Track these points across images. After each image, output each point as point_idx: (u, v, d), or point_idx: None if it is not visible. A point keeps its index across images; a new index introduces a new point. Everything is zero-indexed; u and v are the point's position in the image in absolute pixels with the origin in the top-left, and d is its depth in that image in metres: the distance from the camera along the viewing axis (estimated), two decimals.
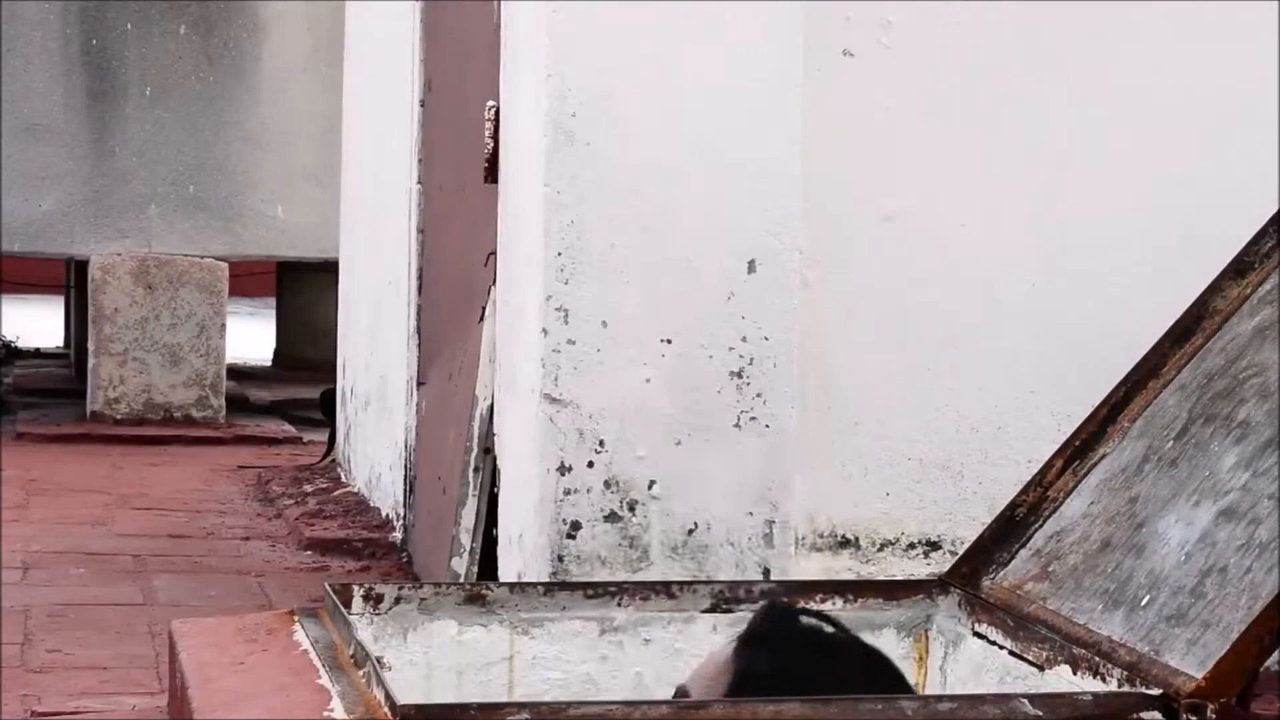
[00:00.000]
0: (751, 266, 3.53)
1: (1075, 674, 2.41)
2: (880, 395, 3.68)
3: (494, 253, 4.06)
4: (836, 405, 3.67)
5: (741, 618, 2.87)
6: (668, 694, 2.68)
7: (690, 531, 3.49)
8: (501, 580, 3.77)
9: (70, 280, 11.13)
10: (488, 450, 4.24)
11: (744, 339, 3.52)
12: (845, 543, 3.67)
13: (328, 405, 7.38)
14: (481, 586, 2.79)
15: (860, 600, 2.87)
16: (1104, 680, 2.32)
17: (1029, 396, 3.72)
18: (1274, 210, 3.13)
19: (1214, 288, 2.90)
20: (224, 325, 8.52)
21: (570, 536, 3.50)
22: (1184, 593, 2.32)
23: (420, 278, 5.32)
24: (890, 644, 2.84)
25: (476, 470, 4.30)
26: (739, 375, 3.51)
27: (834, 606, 2.86)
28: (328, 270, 9.86)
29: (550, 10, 3.48)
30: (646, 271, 3.51)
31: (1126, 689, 2.25)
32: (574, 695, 2.79)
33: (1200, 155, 3.78)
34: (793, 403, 3.56)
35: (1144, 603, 2.38)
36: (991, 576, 2.76)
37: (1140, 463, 2.67)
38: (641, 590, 3.04)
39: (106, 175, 8.56)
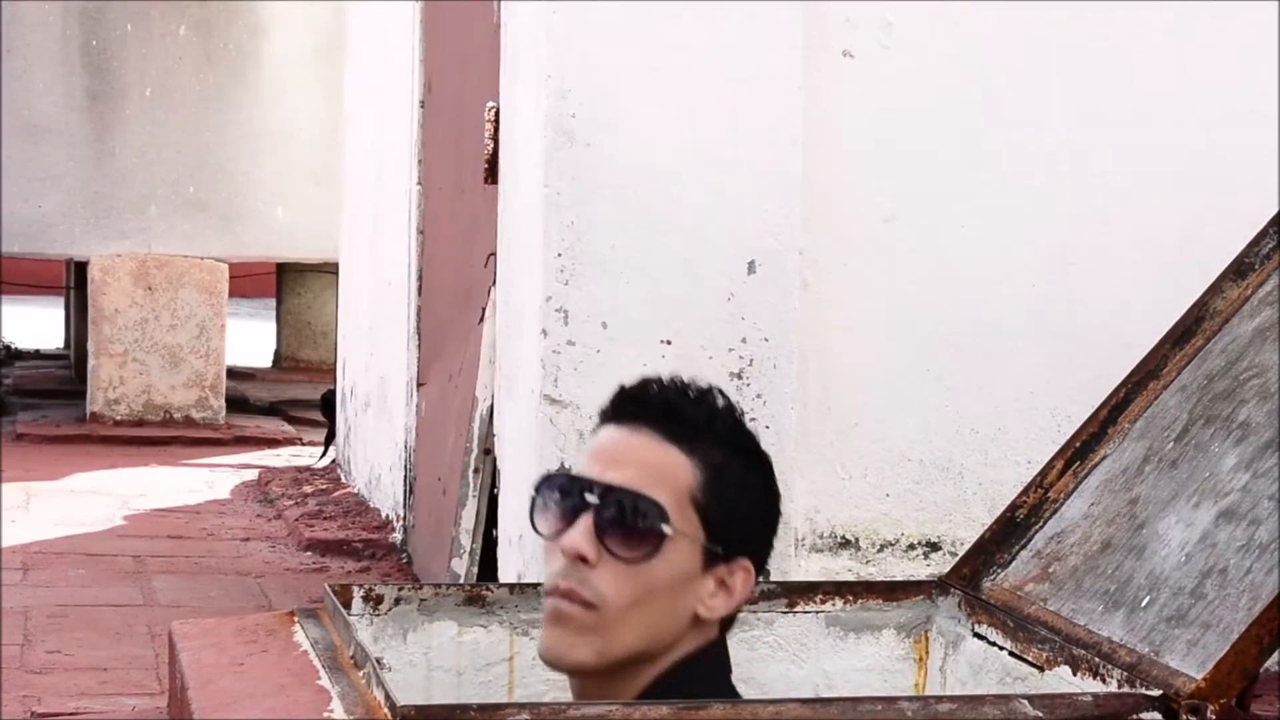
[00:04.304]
0: (751, 267, 3.53)
1: (1075, 675, 2.40)
2: (880, 395, 3.68)
3: (494, 253, 4.06)
4: (836, 405, 3.67)
5: (740, 618, 2.86)
6: None
7: None
8: (501, 581, 3.77)
9: (70, 281, 11.14)
10: (488, 451, 4.24)
11: (744, 340, 3.52)
12: (845, 543, 3.67)
13: (328, 406, 7.38)
14: (481, 587, 2.79)
15: (860, 601, 2.86)
16: (1104, 681, 2.32)
17: (1029, 397, 3.72)
18: (1274, 210, 3.13)
19: (1214, 288, 2.89)
20: (224, 326, 8.53)
21: None
22: (1184, 594, 2.32)
23: (420, 278, 5.32)
24: (890, 645, 2.84)
25: (476, 471, 4.30)
26: (739, 376, 3.51)
27: (834, 606, 2.86)
28: (328, 270, 9.89)
29: (550, 10, 3.48)
30: (646, 272, 3.51)
31: (1126, 690, 2.25)
32: None
33: (1200, 155, 3.78)
34: (793, 403, 3.56)
35: (1144, 604, 2.38)
36: (992, 578, 2.76)
37: (1141, 464, 2.66)
38: None
39: (106, 176, 8.57)
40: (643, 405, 2.04)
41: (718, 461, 2.02)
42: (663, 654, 2.03)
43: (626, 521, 1.96)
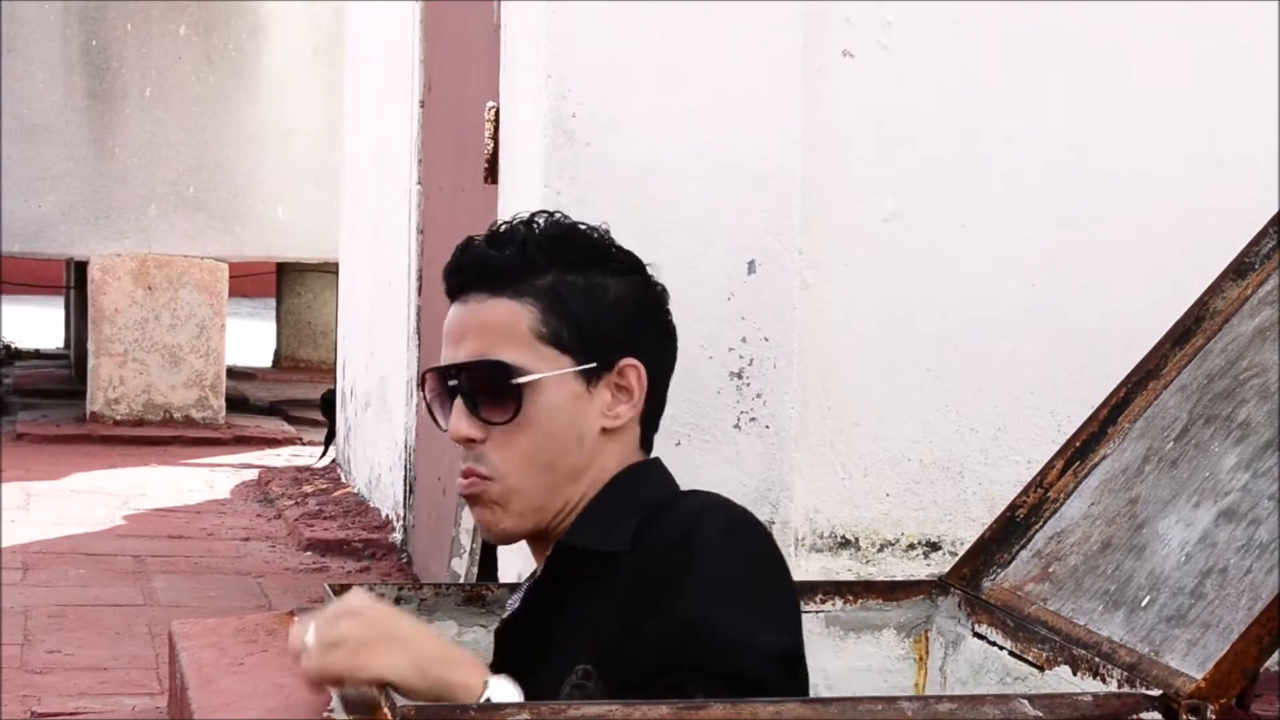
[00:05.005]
0: (751, 267, 3.53)
1: (1075, 675, 2.40)
2: (880, 395, 3.68)
3: None
4: (836, 405, 3.66)
5: None
6: None
7: None
8: (501, 581, 3.77)
9: (70, 280, 11.14)
10: None
11: (744, 339, 3.52)
12: (845, 543, 3.67)
13: (328, 406, 7.39)
14: (481, 587, 2.79)
15: (860, 601, 2.86)
16: (1104, 681, 2.32)
17: (1029, 396, 3.72)
18: (1274, 210, 3.13)
19: (1214, 288, 2.89)
20: (224, 325, 8.53)
21: None
22: (1184, 593, 2.32)
23: (420, 278, 5.32)
24: (890, 645, 2.84)
25: None
26: (739, 376, 3.51)
27: (834, 606, 2.86)
28: (328, 270, 9.88)
29: (550, 10, 3.48)
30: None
31: (1126, 690, 2.25)
32: None
33: (1200, 155, 3.78)
34: (793, 403, 3.56)
35: (1144, 604, 2.38)
36: (992, 577, 2.76)
37: (1140, 463, 2.66)
38: None
39: (106, 176, 8.57)
40: (462, 274, 2.12)
41: (548, 286, 2.08)
42: (585, 475, 2.08)
43: (484, 391, 2.04)
